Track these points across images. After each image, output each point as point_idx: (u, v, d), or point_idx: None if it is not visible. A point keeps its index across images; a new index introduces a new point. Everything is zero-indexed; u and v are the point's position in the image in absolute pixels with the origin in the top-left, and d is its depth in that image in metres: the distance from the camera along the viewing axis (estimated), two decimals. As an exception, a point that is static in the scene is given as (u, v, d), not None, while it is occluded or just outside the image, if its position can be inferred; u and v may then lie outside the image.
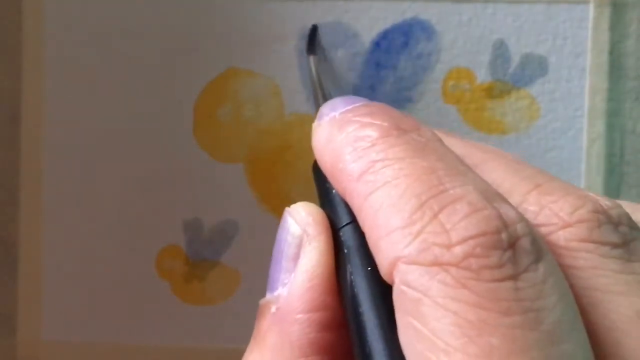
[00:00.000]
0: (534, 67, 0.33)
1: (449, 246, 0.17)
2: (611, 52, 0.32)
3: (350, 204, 0.20)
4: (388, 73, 0.33)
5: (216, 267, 0.34)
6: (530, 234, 0.17)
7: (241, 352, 0.21)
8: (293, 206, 0.22)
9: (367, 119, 0.20)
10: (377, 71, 0.33)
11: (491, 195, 0.18)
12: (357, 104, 0.21)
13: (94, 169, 0.34)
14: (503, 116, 0.33)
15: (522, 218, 0.18)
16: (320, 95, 0.28)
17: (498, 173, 0.21)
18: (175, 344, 0.34)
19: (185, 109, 0.33)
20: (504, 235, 0.17)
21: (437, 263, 0.17)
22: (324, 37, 0.33)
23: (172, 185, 0.34)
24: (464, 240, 0.17)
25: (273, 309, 0.21)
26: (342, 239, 0.20)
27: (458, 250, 0.17)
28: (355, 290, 0.19)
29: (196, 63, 0.33)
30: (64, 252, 0.34)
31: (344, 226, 0.21)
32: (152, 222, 0.34)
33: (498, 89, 0.33)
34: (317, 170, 0.22)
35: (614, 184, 0.33)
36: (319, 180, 0.22)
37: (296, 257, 0.21)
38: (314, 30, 0.32)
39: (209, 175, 0.33)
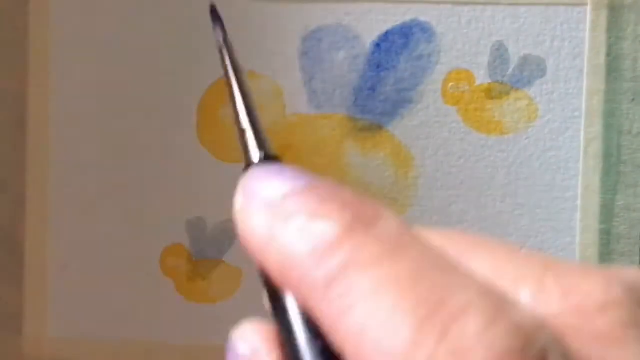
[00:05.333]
0: (533, 69, 0.33)
1: None
2: (608, 54, 0.32)
3: (317, 318, 0.16)
4: (388, 74, 0.33)
5: (219, 265, 0.34)
6: (555, 342, 0.15)
7: None
8: (239, 328, 0.18)
9: (322, 207, 0.16)
10: (378, 72, 0.33)
11: (498, 299, 0.15)
12: (298, 183, 0.17)
13: (99, 170, 0.34)
14: (502, 117, 0.33)
15: (541, 325, 0.15)
16: (240, 95, 0.20)
17: (493, 261, 0.17)
18: (178, 341, 0.34)
19: (189, 110, 0.34)
20: (532, 352, 0.15)
21: None
22: (325, 39, 0.33)
23: (176, 185, 0.34)
24: None
25: None
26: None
27: None
28: None
29: (199, 65, 0.33)
30: (70, 251, 0.34)
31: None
32: (156, 221, 0.34)
33: (497, 90, 0.33)
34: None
35: (611, 184, 0.33)
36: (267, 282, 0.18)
37: None
38: (213, 9, 0.24)
39: (212, 175, 0.34)
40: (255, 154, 0.18)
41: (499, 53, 0.33)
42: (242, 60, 0.35)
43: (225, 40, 0.22)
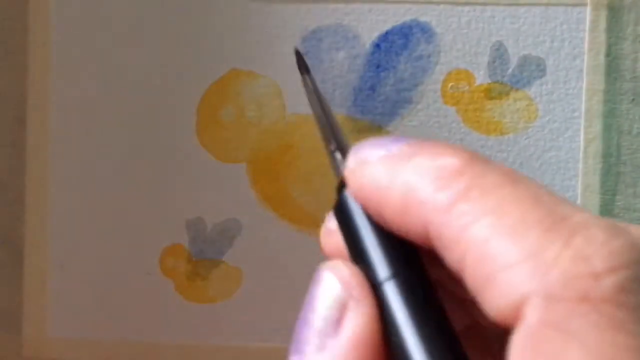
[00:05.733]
0: (532, 69, 0.33)
1: (596, 276, 0.15)
2: (608, 54, 0.32)
3: (436, 238, 0.17)
4: (388, 74, 0.33)
5: (219, 265, 0.34)
6: None
7: (242, 350, 0.20)
8: (332, 264, 0.19)
9: (439, 149, 0.18)
10: (377, 73, 0.33)
11: (612, 222, 0.16)
12: (408, 140, 0.19)
13: (98, 169, 0.34)
14: (501, 117, 0.33)
15: None
16: (328, 122, 0.25)
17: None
18: (178, 342, 0.34)
19: (189, 110, 0.34)
20: None
21: (585, 299, 0.15)
22: (324, 39, 0.33)
23: (175, 185, 0.34)
24: (612, 270, 0.15)
25: None
26: (386, 295, 0.18)
27: (608, 282, 0.15)
28: (410, 355, 0.17)
29: (199, 65, 0.33)
30: (69, 250, 0.34)
31: (387, 280, 0.18)
32: (155, 221, 0.34)
33: (497, 90, 0.33)
34: (341, 216, 0.20)
35: (610, 184, 0.33)
36: (347, 228, 0.20)
37: (338, 321, 0.18)
38: (298, 52, 0.30)
39: (211, 175, 0.34)
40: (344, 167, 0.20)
41: (499, 53, 0.33)
42: (241, 61, 0.36)
43: (311, 78, 0.26)
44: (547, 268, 0.15)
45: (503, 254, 0.16)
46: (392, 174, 0.18)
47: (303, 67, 0.27)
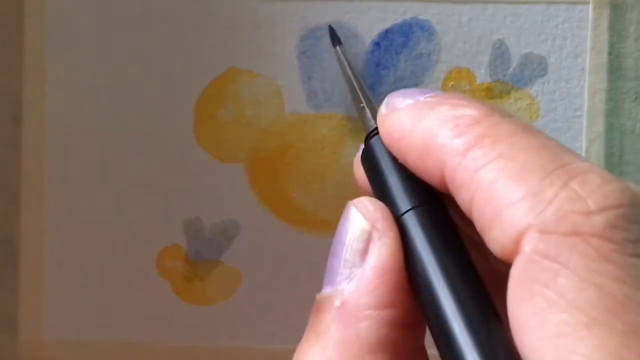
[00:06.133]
0: (534, 68, 0.33)
1: (587, 214, 0.17)
2: (610, 53, 0.32)
3: (451, 180, 0.19)
4: (388, 73, 0.33)
5: (217, 266, 0.34)
6: None
7: (242, 351, 0.21)
8: (358, 200, 0.22)
9: (461, 101, 0.20)
10: (377, 71, 0.33)
11: (610, 173, 0.18)
12: (433, 92, 0.21)
13: (95, 169, 0.34)
14: (503, 116, 0.33)
15: None
16: (358, 86, 0.29)
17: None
18: (176, 343, 0.34)
19: (186, 110, 0.33)
20: (639, 210, 0.17)
21: (576, 233, 0.16)
22: (323, 38, 0.33)
23: (173, 185, 0.34)
24: (604, 209, 0.17)
25: (337, 302, 0.20)
26: (407, 225, 0.20)
27: (598, 219, 0.16)
28: (430, 280, 0.19)
29: (197, 63, 0.33)
30: (65, 251, 0.34)
31: (408, 211, 0.20)
32: (153, 221, 0.34)
33: (498, 89, 0.33)
34: (369, 162, 0.22)
35: (613, 184, 0.33)
36: (373, 170, 0.22)
37: (364, 252, 0.20)
38: (331, 27, 0.32)
39: (209, 175, 0.34)
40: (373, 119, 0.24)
41: (500, 52, 0.33)
42: (240, 59, 0.35)
43: (343, 49, 0.30)
44: (545, 205, 0.17)
45: (507, 194, 0.18)
46: (417, 120, 0.20)
47: (336, 40, 0.31)
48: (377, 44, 0.33)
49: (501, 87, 0.33)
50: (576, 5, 0.32)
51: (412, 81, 0.33)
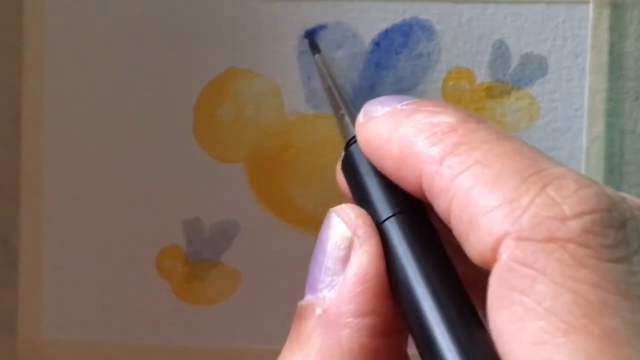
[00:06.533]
0: (534, 67, 0.33)
1: (563, 220, 0.17)
2: (611, 52, 0.32)
3: (428, 188, 0.19)
4: (388, 73, 0.33)
5: (216, 267, 0.34)
6: (634, 216, 0.17)
7: (241, 352, 0.21)
8: (339, 207, 0.22)
9: (437, 108, 0.20)
10: (377, 71, 0.33)
11: (588, 177, 0.18)
12: (410, 99, 0.22)
13: (95, 169, 0.34)
14: (503, 116, 0.33)
15: (623, 199, 0.18)
16: (337, 93, 0.29)
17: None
18: (175, 344, 0.34)
19: (186, 109, 0.33)
20: (615, 214, 0.17)
21: (552, 239, 0.16)
22: (324, 37, 0.33)
23: (173, 185, 0.34)
24: (579, 214, 0.17)
25: (318, 311, 0.20)
26: (388, 232, 0.20)
27: (574, 225, 0.17)
28: (412, 287, 0.19)
29: (196, 63, 0.33)
30: (65, 251, 0.34)
31: (388, 218, 0.20)
32: (152, 222, 0.34)
33: (498, 89, 0.33)
34: (349, 169, 0.22)
35: (614, 184, 0.33)
36: (353, 177, 0.22)
37: (345, 260, 0.20)
38: (308, 34, 0.32)
39: (209, 175, 0.33)
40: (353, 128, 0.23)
41: (500, 51, 0.33)
42: (239, 60, 0.35)
43: (322, 56, 0.31)
44: (521, 212, 0.17)
45: (483, 201, 0.18)
46: (394, 128, 0.20)
47: (315, 48, 0.31)
48: (377, 44, 0.33)
49: (501, 87, 0.33)
50: (576, 5, 0.32)
51: (412, 81, 0.33)
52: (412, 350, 0.20)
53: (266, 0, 0.33)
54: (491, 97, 0.33)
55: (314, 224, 0.33)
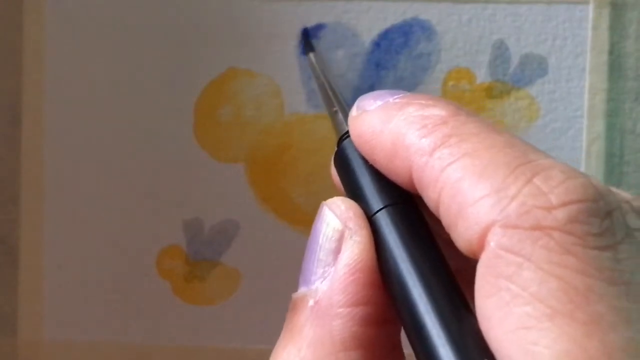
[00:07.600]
0: (534, 68, 0.33)
1: (550, 209, 0.17)
2: (611, 53, 0.32)
3: (418, 179, 0.20)
4: (388, 73, 0.33)
5: (217, 267, 0.34)
6: (620, 207, 0.17)
7: (241, 352, 0.21)
8: (331, 200, 0.22)
9: (428, 101, 0.21)
10: (377, 71, 0.33)
11: (576, 168, 0.18)
12: (402, 93, 0.22)
13: (95, 169, 0.34)
14: (503, 116, 0.33)
15: (610, 190, 0.18)
16: (330, 91, 0.29)
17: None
18: (176, 344, 0.34)
19: (186, 109, 0.33)
20: (601, 204, 0.17)
21: (538, 227, 0.17)
22: (324, 37, 0.33)
23: (173, 185, 0.34)
24: (566, 204, 0.17)
25: (310, 302, 0.21)
26: (379, 224, 0.20)
27: (560, 213, 0.17)
28: (402, 276, 0.19)
29: (196, 63, 0.33)
30: (65, 252, 0.34)
31: (380, 210, 0.21)
32: (152, 222, 0.34)
33: (498, 89, 0.33)
34: (341, 164, 0.23)
35: (613, 184, 0.33)
36: (345, 171, 0.23)
37: (336, 251, 0.21)
38: (305, 32, 0.32)
39: (209, 175, 0.33)
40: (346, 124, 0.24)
41: (500, 52, 0.33)
42: (239, 60, 0.35)
43: (316, 55, 0.31)
44: (508, 201, 0.17)
45: (472, 191, 0.18)
46: (386, 121, 0.21)
47: (309, 47, 0.32)
48: (377, 44, 0.33)
49: (501, 87, 0.33)
50: (576, 5, 0.32)
51: (412, 81, 0.33)
52: (408, 347, 0.20)
53: (266, 0, 0.33)
54: (491, 97, 0.33)
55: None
